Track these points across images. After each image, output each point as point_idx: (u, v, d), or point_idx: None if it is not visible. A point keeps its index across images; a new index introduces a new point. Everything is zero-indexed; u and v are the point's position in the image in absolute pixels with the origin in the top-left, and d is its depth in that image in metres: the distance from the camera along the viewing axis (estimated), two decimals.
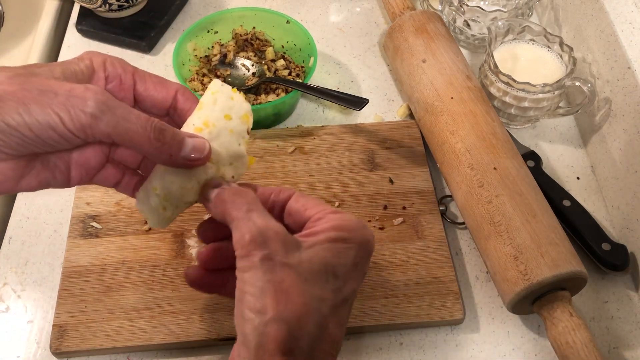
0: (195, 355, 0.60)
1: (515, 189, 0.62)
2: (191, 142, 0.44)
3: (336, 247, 0.41)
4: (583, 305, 0.64)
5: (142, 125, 0.41)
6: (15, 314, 0.63)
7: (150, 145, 0.42)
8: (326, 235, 0.42)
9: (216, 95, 0.47)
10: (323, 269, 0.40)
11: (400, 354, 0.61)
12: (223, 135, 0.46)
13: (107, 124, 0.40)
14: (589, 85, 0.70)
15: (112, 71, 0.45)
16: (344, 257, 0.41)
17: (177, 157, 0.43)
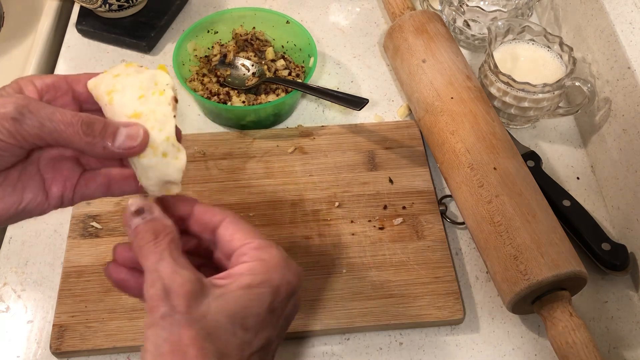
0: None
1: (515, 189, 0.62)
2: (125, 131, 0.42)
3: (248, 294, 0.39)
4: (583, 305, 0.64)
5: (68, 122, 0.40)
6: (15, 314, 0.63)
7: (80, 140, 0.41)
8: (239, 282, 0.39)
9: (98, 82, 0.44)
10: (230, 320, 0.38)
11: (400, 354, 0.61)
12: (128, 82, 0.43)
13: (32, 125, 0.39)
14: (589, 85, 0.70)
15: (42, 83, 0.44)
16: (255, 306, 0.39)
17: (113, 149, 0.41)
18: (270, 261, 0.41)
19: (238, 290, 0.39)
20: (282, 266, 0.41)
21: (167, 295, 0.38)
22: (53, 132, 0.40)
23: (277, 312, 0.41)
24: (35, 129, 0.40)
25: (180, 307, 0.37)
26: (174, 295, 0.38)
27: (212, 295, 0.38)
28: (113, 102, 0.43)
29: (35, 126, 0.40)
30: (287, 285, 0.41)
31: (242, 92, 0.76)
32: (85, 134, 0.41)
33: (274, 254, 0.41)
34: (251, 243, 0.42)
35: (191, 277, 0.39)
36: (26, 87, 0.43)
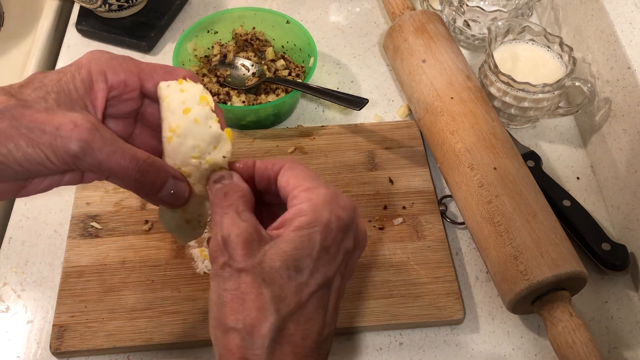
0: (195, 355, 0.60)
1: (515, 189, 0.62)
2: (172, 185, 0.44)
3: (299, 236, 0.39)
4: (583, 305, 0.64)
5: (126, 167, 0.42)
6: (15, 314, 0.63)
7: (130, 183, 0.43)
8: (290, 226, 0.40)
9: (167, 100, 0.46)
10: (284, 264, 0.39)
11: (400, 354, 0.61)
12: (192, 129, 0.45)
13: (90, 164, 0.41)
14: (589, 85, 0.70)
15: (115, 79, 0.45)
16: (308, 246, 0.39)
17: (155, 199, 0.44)
18: (317, 200, 0.41)
19: (289, 234, 0.40)
20: (329, 202, 0.41)
21: (226, 245, 0.39)
22: (108, 171, 0.42)
23: (332, 249, 0.40)
24: (92, 167, 0.41)
25: (238, 256, 0.39)
26: (231, 245, 0.39)
27: (268, 244, 0.40)
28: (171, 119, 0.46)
29: (93, 164, 0.41)
30: (337, 221, 0.40)
31: (242, 92, 0.76)
32: (136, 181, 0.43)
33: (321, 193, 0.41)
34: (301, 185, 0.42)
35: (247, 228, 0.40)
36: (97, 82, 0.44)
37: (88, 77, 0.44)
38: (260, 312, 0.38)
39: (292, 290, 0.39)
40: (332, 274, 0.41)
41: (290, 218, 0.41)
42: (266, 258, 0.39)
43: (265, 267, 0.39)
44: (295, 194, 0.42)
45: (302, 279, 0.39)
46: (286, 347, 0.39)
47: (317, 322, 0.40)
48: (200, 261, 0.64)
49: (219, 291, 0.39)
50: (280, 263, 0.39)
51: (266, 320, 0.38)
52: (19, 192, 0.43)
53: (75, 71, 0.44)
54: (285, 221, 0.41)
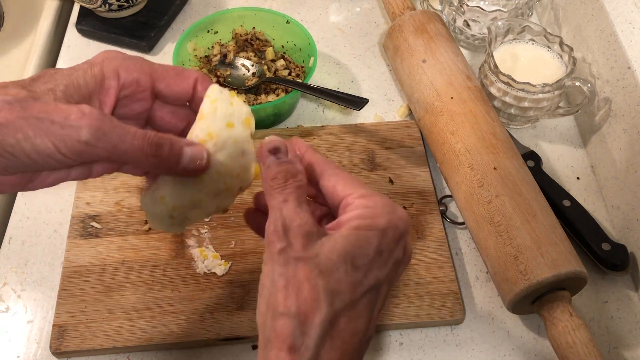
0: (195, 356, 0.60)
1: (515, 189, 0.62)
2: (189, 152, 0.44)
3: (357, 236, 0.40)
4: (583, 305, 0.64)
5: (139, 145, 0.42)
6: (15, 314, 0.63)
7: (148, 161, 0.43)
8: (348, 226, 0.41)
9: (216, 104, 0.46)
10: (342, 259, 0.39)
11: (400, 354, 0.61)
12: (228, 146, 0.46)
13: (104, 149, 0.41)
14: (589, 85, 0.70)
15: (127, 77, 0.45)
16: (365, 246, 0.40)
17: (177, 169, 0.44)
18: (376, 207, 0.42)
19: (347, 232, 0.40)
20: (388, 211, 0.42)
21: (286, 232, 0.40)
22: (122, 154, 0.42)
23: (385, 254, 0.41)
24: (106, 152, 0.41)
25: (297, 245, 0.39)
26: (291, 233, 0.40)
27: (325, 238, 0.40)
28: None
29: (107, 149, 0.41)
30: (394, 229, 0.42)
31: (242, 92, 0.76)
32: (154, 156, 0.42)
33: (379, 201, 0.42)
34: (354, 193, 0.43)
35: (309, 220, 0.41)
36: (109, 80, 0.44)
37: (100, 74, 0.44)
38: (314, 302, 0.38)
39: (347, 285, 0.39)
40: (382, 278, 0.42)
41: (348, 220, 0.41)
42: (324, 250, 0.39)
43: (322, 259, 0.39)
44: (350, 201, 0.42)
45: (358, 277, 0.40)
46: (336, 341, 0.39)
47: (364, 322, 0.41)
48: (200, 261, 0.64)
49: (273, 276, 0.39)
50: (338, 257, 0.39)
51: (320, 310, 0.38)
52: (25, 186, 0.43)
53: (88, 68, 0.44)
54: (342, 222, 0.42)
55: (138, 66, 0.46)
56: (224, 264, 0.63)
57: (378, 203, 0.42)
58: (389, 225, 0.41)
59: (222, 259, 0.64)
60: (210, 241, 0.65)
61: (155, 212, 0.47)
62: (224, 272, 0.63)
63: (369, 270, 0.40)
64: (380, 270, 0.41)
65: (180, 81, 0.47)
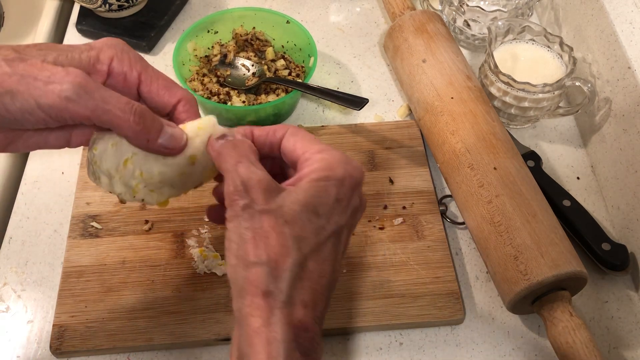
0: (195, 355, 0.60)
1: (515, 189, 0.62)
2: (170, 131, 0.45)
3: (316, 186, 0.42)
4: (583, 305, 0.64)
5: (122, 108, 0.43)
6: (15, 314, 0.63)
7: (129, 128, 0.43)
8: (309, 178, 0.43)
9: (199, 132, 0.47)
10: (304, 209, 0.41)
11: (400, 354, 0.61)
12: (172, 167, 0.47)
13: (85, 107, 0.41)
14: (589, 85, 0.70)
15: (118, 68, 0.46)
16: (324, 195, 0.42)
17: (155, 143, 0.45)
18: (332, 159, 0.44)
19: (306, 184, 0.43)
20: (344, 162, 0.44)
21: (246, 189, 0.41)
22: (104, 115, 0.42)
23: (343, 202, 0.44)
24: (88, 110, 0.41)
25: (259, 199, 0.41)
26: (252, 189, 0.41)
27: (285, 192, 0.42)
28: None
29: (89, 107, 0.41)
30: (350, 178, 0.44)
31: (242, 92, 0.76)
32: (136, 122, 0.43)
33: (335, 154, 0.44)
34: (312, 148, 0.45)
35: (267, 176, 0.43)
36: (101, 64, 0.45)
37: (95, 57, 0.45)
38: (283, 248, 0.40)
39: (311, 231, 0.41)
40: (343, 224, 0.44)
41: (307, 173, 0.43)
42: (286, 202, 0.41)
43: (285, 210, 0.41)
44: (308, 156, 0.44)
45: (320, 223, 0.42)
46: (306, 282, 0.41)
47: (330, 264, 0.43)
48: (200, 261, 0.64)
49: (240, 230, 0.41)
50: (300, 207, 0.41)
51: (289, 255, 0.40)
52: (6, 148, 0.44)
53: (85, 49, 0.45)
54: (302, 176, 0.43)
55: (132, 60, 0.46)
56: (224, 264, 0.63)
57: (335, 156, 0.44)
58: (345, 175, 0.44)
59: (222, 259, 0.64)
60: (210, 241, 0.65)
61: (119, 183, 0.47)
62: (224, 272, 0.63)
63: (330, 217, 0.43)
64: (340, 216, 0.43)
65: (165, 94, 0.48)
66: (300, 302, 0.40)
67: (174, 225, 0.66)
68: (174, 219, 0.67)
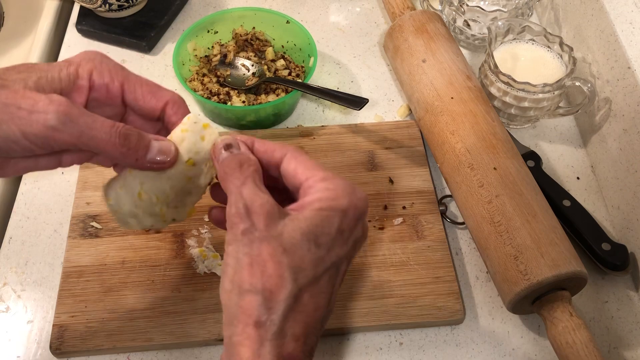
0: (195, 355, 0.60)
1: (515, 189, 0.62)
2: (157, 146, 0.45)
3: (319, 215, 0.42)
4: (583, 305, 0.64)
5: (107, 132, 0.42)
6: (15, 314, 0.63)
7: (116, 150, 0.43)
8: (310, 207, 0.42)
9: (185, 134, 0.47)
10: (305, 238, 0.41)
11: (400, 354, 0.61)
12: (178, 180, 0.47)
13: (70, 134, 0.41)
14: (589, 85, 0.70)
15: (99, 81, 0.45)
16: (327, 226, 0.41)
17: (144, 160, 0.45)
18: (337, 189, 0.43)
19: (309, 212, 0.42)
20: (349, 192, 0.43)
21: (248, 213, 0.41)
22: (90, 141, 0.42)
23: (346, 233, 0.43)
24: (73, 138, 0.41)
25: (260, 225, 0.40)
26: (254, 214, 0.41)
27: (288, 218, 0.41)
28: None
29: (74, 135, 0.41)
30: (354, 209, 0.43)
31: (242, 92, 0.76)
32: (121, 145, 0.43)
33: (339, 183, 0.43)
34: (315, 175, 0.44)
35: (270, 200, 0.42)
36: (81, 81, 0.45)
37: (75, 73, 0.45)
38: (279, 279, 0.39)
39: (310, 262, 0.41)
40: (343, 256, 0.43)
41: (310, 202, 0.42)
42: (287, 229, 0.40)
43: (285, 238, 0.40)
44: (311, 184, 0.43)
45: (320, 254, 0.41)
46: (299, 315, 0.40)
47: (326, 297, 0.42)
48: (200, 261, 0.64)
49: (237, 255, 0.40)
50: (301, 236, 0.40)
51: (285, 287, 0.39)
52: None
53: (64, 66, 0.45)
54: (305, 204, 0.42)
55: (113, 72, 0.46)
56: None
57: (339, 185, 0.43)
58: (349, 205, 0.43)
59: (222, 259, 0.64)
60: (210, 241, 0.65)
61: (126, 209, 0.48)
62: None
63: (330, 249, 0.42)
64: (341, 248, 0.42)
65: (151, 99, 0.47)
66: (291, 335, 0.40)
67: (174, 225, 0.66)
68: None
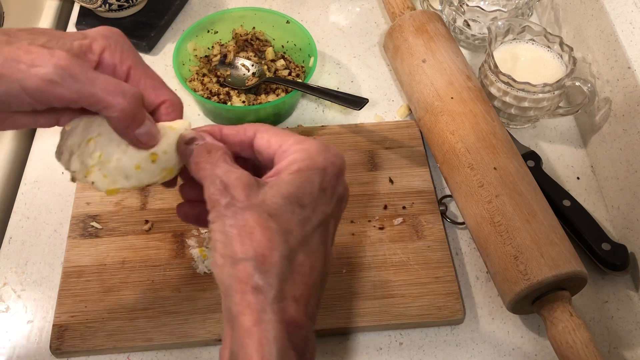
0: (195, 355, 0.60)
1: (515, 189, 0.62)
2: (149, 125, 0.44)
3: (299, 177, 0.41)
4: (583, 305, 0.64)
5: (111, 90, 0.41)
6: (15, 314, 0.63)
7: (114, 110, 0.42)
8: (289, 170, 0.42)
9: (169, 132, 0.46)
10: (287, 201, 0.40)
11: (400, 354, 0.61)
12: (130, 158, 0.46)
13: (70, 90, 0.40)
14: (589, 85, 0.70)
15: (108, 60, 0.45)
16: (308, 186, 0.41)
17: (132, 132, 0.44)
18: (311, 148, 0.43)
19: (288, 175, 0.42)
20: (324, 150, 0.43)
21: (226, 188, 0.41)
22: (90, 98, 0.41)
23: (328, 191, 0.43)
24: (73, 93, 0.40)
25: (240, 196, 0.40)
26: (231, 187, 0.41)
27: (267, 186, 0.41)
28: None
29: (74, 90, 0.40)
30: (332, 166, 0.43)
31: (242, 92, 0.76)
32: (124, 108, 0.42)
33: (313, 143, 0.43)
34: (288, 140, 0.44)
35: (245, 172, 0.42)
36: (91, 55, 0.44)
37: (88, 46, 0.44)
38: (270, 242, 0.39)
39: (297, 223, 0.40)
40: (329, 213, 0.43)
41: (287, 165, 0.42)
42: (268, 196, 0.40)
43: (269, 204, 0.40)
44: (285, 149, 0.43)
45: (305, 214, 0.41)
46: (297, 276, 0.40)
47: (320, 257, 0.42)
48: (200, 261, 0.64)
49: (224, 228, 0.40)
50: (284, 200, 0.40)
51: (277, 249, 0.39)
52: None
53: (79, 37, 0.44)
54: (280, 169, 0.42)
55: (123, 55, 0.45)
56: None
57: (312, 145, 0.43)
58: (326, 163, 0.43)
59: None
60: (210, 241, 0.65)
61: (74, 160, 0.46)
62: None
63: (315, 207, 0.42)
64: (326, 206, 0.42)
65: (150, 93, 0.47)
66: (291, 297, 0.39)
67: (174, 225, 0.66)
68: (174, 219, 0.67)
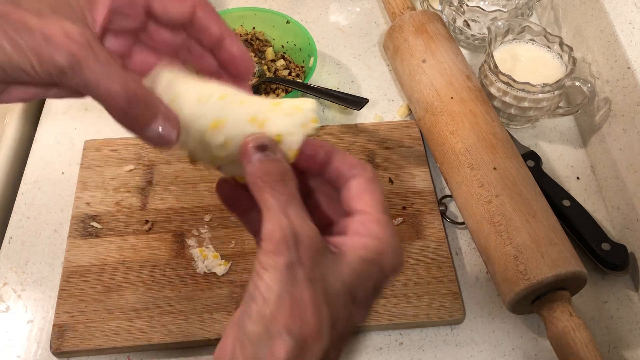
0: (195, 355, 0.60)
1: (515, 189, 0.62)
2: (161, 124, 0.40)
3: (362, 268, 0.38)
4: (583, 305, 0.64)
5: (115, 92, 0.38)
6: (15, 314, 0.63)
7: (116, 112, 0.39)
8: (357, 255, 0.38)
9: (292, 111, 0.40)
10: (346, 290, 0.37)
11: (400, 354, 0.61)
12: None
13: (77, 83, 0.38)
14: (588, 85, 0.70)
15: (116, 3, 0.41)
16: (366, 282, 0.38)
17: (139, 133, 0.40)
18: (386, 243, 0.39)
19: (354, 261, 0.38)
20: (395, 253, 0.40)
21: (296, 243, 0.36)
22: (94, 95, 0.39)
23: (377, 293, 0.40)
24: (79, 86, 0.38)
25: (306, 262, 0.36)
26: (302, 245, 0.36)
27: (330, 259, 0.38)
28: None
29: (79, 84, 0.38)
30: (391, 271, 0.40)
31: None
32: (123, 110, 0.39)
33: (389, 236, 0.40)
34: (373, 214, 0.40)
35: (316, 231, 0.37)
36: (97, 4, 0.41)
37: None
38: (318, 332, 0.36)
39: (344, 318, 0.38)
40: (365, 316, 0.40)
41: (355, 246, 0.39)
42: (328, 274, 0.37)
43: (329, 285, 0.37)
44: (365, 221, 0.40)
45: (352, 311, 0.38)
46: None
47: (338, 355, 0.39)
48: (200, 261, 0.64)
49: (276, 288, 0.36)
50: (343, 288, 0.37)
51: (321, 341, 0.36)
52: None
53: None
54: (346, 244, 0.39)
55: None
56: (224, 263, 0.63)
57: (388, 239, 0.39)
58: (392, 269, 0.40)
59: (222, 259, 0.64)
60: (210, 241, 0.65)
61: None
62: (224, 272, 0.63)
63: (362, 307, 0.39)
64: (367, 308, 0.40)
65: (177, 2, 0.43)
66: None
67: (174, 225, 0.66)
68: (174, 219, 0.67)
